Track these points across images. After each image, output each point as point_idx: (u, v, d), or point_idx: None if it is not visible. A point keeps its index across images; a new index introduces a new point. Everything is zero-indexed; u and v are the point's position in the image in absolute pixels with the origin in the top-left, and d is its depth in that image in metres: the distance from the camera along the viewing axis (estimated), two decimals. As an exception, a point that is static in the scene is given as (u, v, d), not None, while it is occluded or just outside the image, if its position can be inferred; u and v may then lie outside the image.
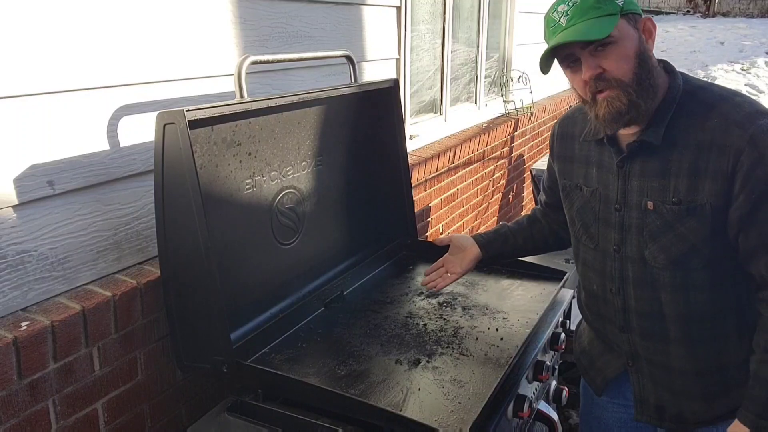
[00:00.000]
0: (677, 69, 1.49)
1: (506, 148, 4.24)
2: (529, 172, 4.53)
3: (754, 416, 1.39)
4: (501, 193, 4.32)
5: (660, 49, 11.31)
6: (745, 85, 9.17)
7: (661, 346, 1.53)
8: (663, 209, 1.42)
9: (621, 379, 1.66)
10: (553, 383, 2.00)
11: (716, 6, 14.98)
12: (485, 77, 4.07)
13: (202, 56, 1.81)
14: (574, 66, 1.41)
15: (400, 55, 2.90)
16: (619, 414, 1.70)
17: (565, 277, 2.10)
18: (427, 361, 1.68)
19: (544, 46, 1.40)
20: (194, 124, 1.47)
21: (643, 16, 1.40)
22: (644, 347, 1.56)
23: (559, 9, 1.38)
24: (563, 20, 1.36)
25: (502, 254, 1.92)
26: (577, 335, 1.82)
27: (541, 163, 4.19)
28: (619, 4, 1.35)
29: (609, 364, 1.67)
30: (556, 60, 1.43)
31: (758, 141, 1.32)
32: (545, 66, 1.42)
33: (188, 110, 1.43)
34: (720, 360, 1.49)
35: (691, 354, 1.49)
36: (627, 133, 1.47)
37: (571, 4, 1.36)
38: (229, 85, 1.89)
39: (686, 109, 1.41)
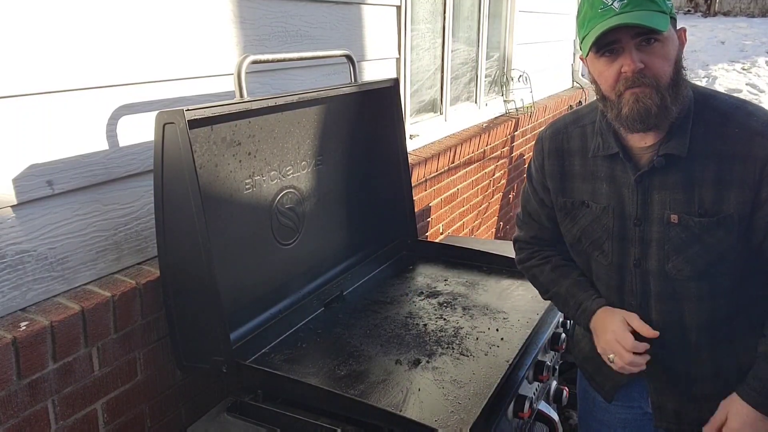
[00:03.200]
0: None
1: (506, 148, 4.24)
2: (529, 172, 4.52)
3: (758, 395, 1.39)
4: (501, 193, 4.32)
5: (660, 49, 11.29)
6: (746, 84, 9.16)
7: (682, 354, 1.51)
8: (690, 222, 1.39)
9: (633, 385, 1.62)
10: (554, 383, 2.00)
11: (717, 5, 14.97)
12: (485, 77, 4.06)
13: (202, 56, 1.81)
14: (612, 55, 1.34)
15: (400, 54, 2.90)
16: (622, 414, 1.69)
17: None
18: (427, 362, 1.68)
19: (545, 46, 1.39)
20: (194, 123, 1.47)
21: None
22: (663, 356, 1.52)
23: None
24: (616, 4, 1.29)
25: None
26: (575, 341, 1.76)
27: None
28: (669, 5, 1.33)
29: (618, 372, 1.63)
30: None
31: None
32: (586, 48, 1.36)
33: (188, 110, 1.43)
34: (738, 360, 1.48)
35: (712, 358, 1.49)
36: (641, 146, 1.43)
37: None
38: (228, 84, 1.89)
39: (701, 118, 1.39)
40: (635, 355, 1.43)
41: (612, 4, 1.30)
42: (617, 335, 1.45)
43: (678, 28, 1.38)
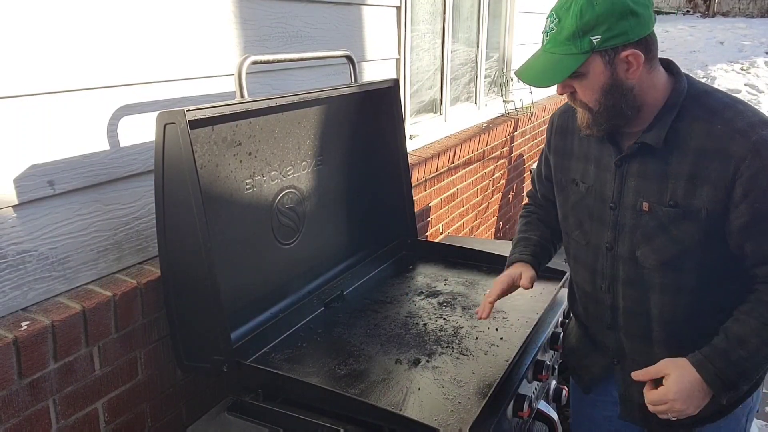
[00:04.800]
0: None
1: (506, 148, 4.24)
2: (529, 172, 4.53)
3: (704, 359, 1.38)
4: (501, 193, 4.32)
5: (660, 49, 11.28)
6: (745, 84, 9.17)
7: (645, 346, 1.53)
8: (659, 211, 1.42)
9: (608, 378, 1.66)
10: (553, 383, 2.01)
11: (716, 6, 14.98)
12: (485, 77, 4.07)
13: (203, 56, 1.81)
14: None
15: (400, 54, 2.90)
16: (606, 411, 1.71)
17: (564, 277, 2.09)
18: (427, 361, 1.68)
19: None
20: (195, 123, 1.48)
21: (629, 46, 1.34)
22: (629, 346, 1.57)
23: (547, 22, 1.39)
24: (545, 39, 1.40)
25: (545, 262, 1.84)
26: (566, 334, 1.82)
27: (541, 163, 4.18)
28: (594, 42, 1.33)
29: (596, 363, 1.67)
30: None
31: (761, 150, 1.31)
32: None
33: (189, 110, 1.43)
34: None
35: (672, 356, 1.48)
36: (629, 131, 1.47)
37: (552, 26, 1.37)
38: (229, 85, 1.89)
39: (690, 113, 1.40)
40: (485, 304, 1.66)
41: (544, 35, 1.40)
42: (493, 284, 1.69)
43: (628, 52, 1.34)
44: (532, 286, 1.67)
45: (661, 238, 1.43)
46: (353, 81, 2.16)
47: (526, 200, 1.92)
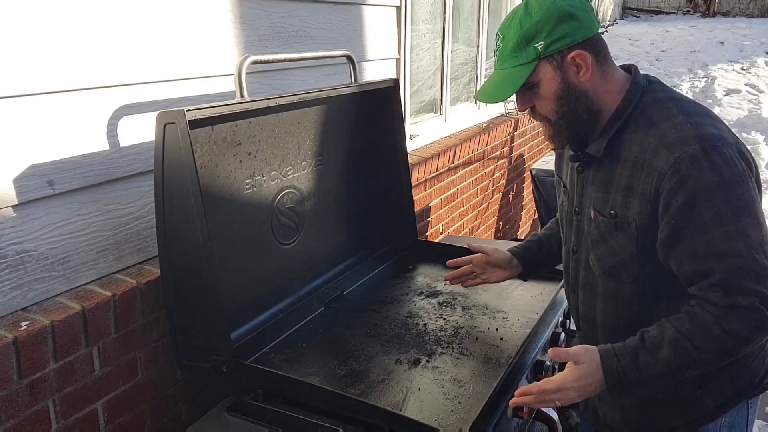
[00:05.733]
0: (653, 76, 1.49)
1: (506, 148, 4.24)
2: (529, 172, 4.53)
3: (618, 364, 1.31)
4: (501, 193, 4.32)
5: (659, 49, 11.30)
6: (745, 84, 9.17)
7: None
8: (599, 220, 1.45)
9: None
10: (553, 383, 2.00)
11: (716, 6, 14.98)
12: (485, 77, 4.06)
13: (203, 56, 1.81)
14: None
15: (400, 54, 2.90)
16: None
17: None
18: (427, 361, 1.68)
19: None
20: (194, 123, 1.47)
21: (574, 48, 1.36)
22: None
23: (495, 43, 1.45)
24: (496, 57, 1.45)
25: (540, 260, 1.87)
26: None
27: (542, 163, 4.18)
28: (538, 48, 1.35)
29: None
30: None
31: (680, 166, 1.28)
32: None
33: (188, 110, 1.43)
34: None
35: None
36: (593, 140, 1.48)
37: (499, 43, 1.43)
38: (229, 84, 1.89)
39: (633, 123, 1.40)
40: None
41: (496, 54, 1.45)
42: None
43: (573, 53, 1.36)
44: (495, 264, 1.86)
45: (602, 246, 1.46)
46: (353, 81, 2.16)
47: None
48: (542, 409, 1.85)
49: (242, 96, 1.66)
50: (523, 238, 4.03)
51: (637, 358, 1.32)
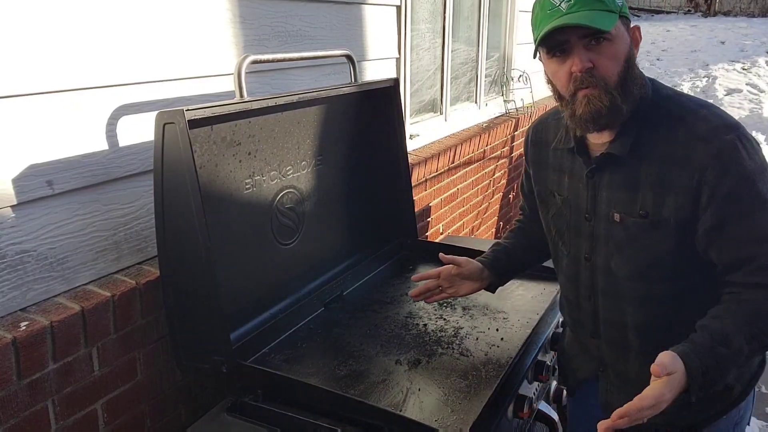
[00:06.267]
0: (649, 76, 1.47)
1: (506, 148, 4.24)
2: (529, 172, 4.52)
3: (701, 364, 1.25)
4: (501, 193, 4.32)
5: (660, 49, 11.29)
6: (746, 84, 9.16)
7: (622, 355, 1.53)
8: (628, 222, 1.41)
9: (592, 382, 1.65)
10: (554, 383, 2.00)
11: (717, 5, 14.97)
12: (485, 76, 4.06)
13: (202, 56, 1.81)
14: (562, 56, 1.35)
15: (400, 54, 2.90)
16: (594, 411, 1.70)
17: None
18: (427, 361, 1.68)
19: None
20: (194, 123, 1.47)
21: (631, 24, 1.37)
22: (609, 355, 1.57)
23: None
24: (564, 5, 1.31)
25: (509, 270, 1.85)
26: (562, 334, 1.83)
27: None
28: (618, 3, 1.33)
29: (582, 367, 1.67)
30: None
31: (723, 156, 1.29)
32: (535, 51, 1.40)
33: (188, 110, 1.43)
34: None
35: (647, 365, 1.46)
36: (597, 143, 1.45)
37: None
38: (228, 84, 1.89)
39: (652, 120, 1.39)
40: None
41: (560, 5, 1.31)
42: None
43: (633, 26, 1.36)
44: (459, 276, 1.77)
45: (632, 248, 1.42)
46: (353, 80, 2.16)
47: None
48: (543, 409, 1.85)
49: (242, 96, 1.66)
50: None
51: (715, 353, 1.29)
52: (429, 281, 1.80)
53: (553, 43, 1.35)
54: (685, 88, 9.10)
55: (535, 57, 1.42)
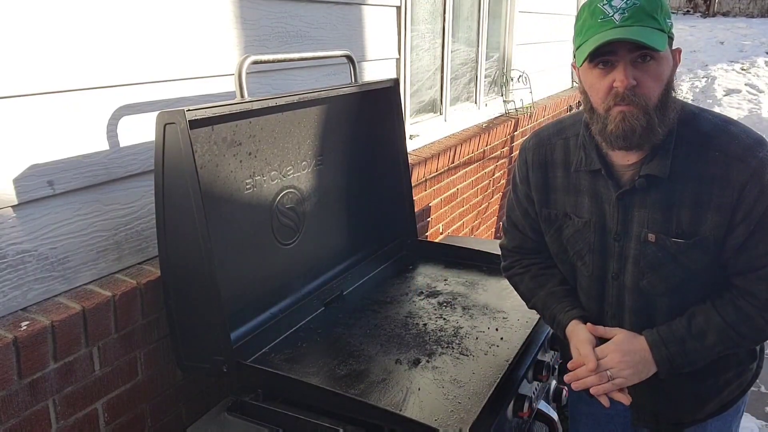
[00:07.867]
0: None
1: (506, 148, 4.24)
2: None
3: (667, 352, 1.41)
4: (501, 193, 4.32)
5: (660, 49, 11.28)
6: (745, 84, 9.17)
7: None
8: (666, 242, 1.39)
9: None
10: (553, 383, 2.01)
11: (716, 6, 14.98)
12: (485, 77, 4.06)
13: (203, 56, 1.81)
14: (606, 68, 1.31)
15: (400, 54, 2.90)
16: (608, 410, 1.70)
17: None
18: (427, 361, 1.68)
19: (544, 46, 1.38)
20: (195, 123, 1.47)
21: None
22: None
23: (614, 3, 1.28)
24: (617, 16, 1.26)
25: None
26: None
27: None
28: (669, 23, 1.31)
29: None
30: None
31: (760, 174, 1.32)
32: (581, 57, 1.32)
33: (189, 110, 1.43)
34: (717, 365, 1.49)
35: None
36: (623, 163, 1.42)
37: (630, 2, 1.27)
38: (229, 84, 1.89)
39: (685, 139, 1.38)
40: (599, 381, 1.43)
41: (613, 16, 1.27)
42: (582, 353, 1.46)
43: (674, 48, 1.35)
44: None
45: (669, 266, 1.41)
46: (353, 81, 2.16)
47: (503, 259, 1.73)
48: (542, 409, 1.86)
49: (242, 96, 1.67)
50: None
51: (685, 345, 1.40)
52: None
53: (599, 54, 1.30)
54: (684, 88, 9.10)
55: (580, 65, 1.35)
